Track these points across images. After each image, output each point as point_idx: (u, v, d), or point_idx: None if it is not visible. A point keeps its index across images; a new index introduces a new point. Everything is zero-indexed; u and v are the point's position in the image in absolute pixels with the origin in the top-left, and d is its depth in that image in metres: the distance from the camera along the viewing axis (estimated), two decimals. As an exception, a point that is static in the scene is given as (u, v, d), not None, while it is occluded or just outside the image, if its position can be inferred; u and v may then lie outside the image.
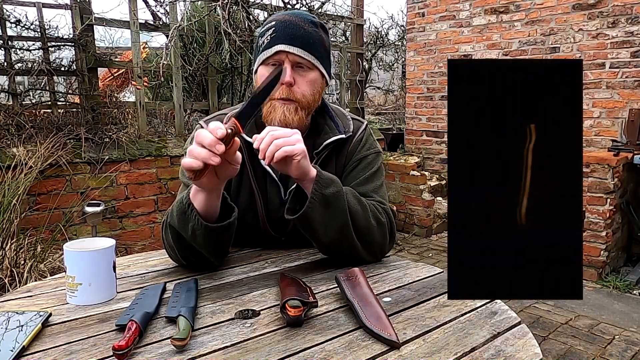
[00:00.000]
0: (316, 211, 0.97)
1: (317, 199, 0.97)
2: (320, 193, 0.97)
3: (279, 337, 0.74)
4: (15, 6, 3.52)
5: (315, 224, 0.99)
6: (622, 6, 3.81)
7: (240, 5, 3.70)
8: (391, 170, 4.65)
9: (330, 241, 1.03)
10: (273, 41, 1.07)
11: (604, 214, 3.26)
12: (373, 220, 1.06)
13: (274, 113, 1.08)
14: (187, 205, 0.94)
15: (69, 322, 0.80)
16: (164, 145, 3.52)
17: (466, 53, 4.83)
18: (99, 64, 3.58)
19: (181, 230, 0.97)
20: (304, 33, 1.07)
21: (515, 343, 0.73)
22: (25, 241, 2.47)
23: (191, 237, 0.96)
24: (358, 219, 1.03)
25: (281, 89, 1.07)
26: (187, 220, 0.95)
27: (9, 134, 3.04)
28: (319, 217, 0.98)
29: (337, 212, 1.00)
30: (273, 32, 1.08)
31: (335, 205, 0.99)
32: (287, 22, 1.08)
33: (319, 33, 1.11)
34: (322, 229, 1.00)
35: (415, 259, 3.82)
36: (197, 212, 0.94)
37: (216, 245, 1.00)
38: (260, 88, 0.89)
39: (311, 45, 1.08)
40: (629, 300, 3.03)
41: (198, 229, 0.94)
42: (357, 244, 1.05)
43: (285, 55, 1.07)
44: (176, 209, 0.97)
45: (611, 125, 3.94)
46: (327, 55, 1.13)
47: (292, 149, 0.92)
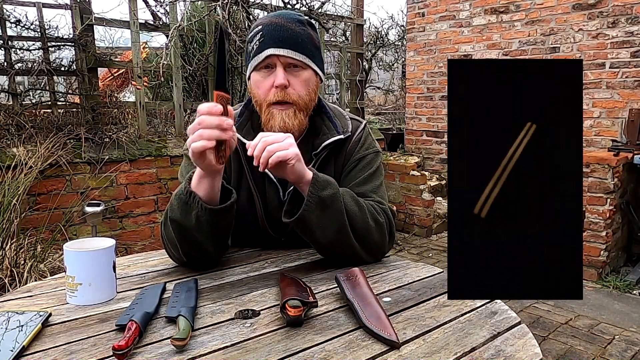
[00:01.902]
0: (313, 214, 0.98)
1: (313, 202, 0.97)
2: (317, 195, 0.97)
3: (279, 337, 0.74)
4: (15, 6, 3.52)
5: (312, 227, 1.00)
6: (622, 6, 3.81)
7: (240, 5, 3.70)
8: (391, 170, 4.66)
9: (328, 243, 1.03)
10: (262, 46, 1.07)
11: (604, 214, 3.26)
12: (371, 221, 1.06)
13: (273, 120, 1.08)
14: (189, 195, 0.95)
15: (69, 322, 0.80)
16: (164, 145, 3.52)
17: (466, 53, 4.83)
18: (99, 64, 3.58)
19: (184, 220, 0.97)
20: (291, 34, 1.07)
21: (515, 343, 0.73)
22: (25, 241, 2.47)
23: (195, 225, 0.96)
24: (356, 220, 1.03)
25: (276, 92, 1.07)
26: (190, 209, 0.95)
27: (9, 134, 3.04)
28: (316, 219, 0.98)
29: (334, 214, 1.00)
30: (261, 36, 1.07)
31: (332, 207, 0.99)
32: (273, 24, 1.07)
33: (307, 31, 1.10)
34: (320, 231, 1.00)
35: (415, 259, 3.82)
36: (199, 198, 0.95)
37: (219, 230, 1.00)
38: (215, 53, 0.90)
39: (300, 45, 1.07)
40: (629, 300, 3.03)
41: (202, 215, 0.95)
42: (355, 245, 1.04)
43: (276, 58, 1.06)
44: (176, 201, 0.98)
45: (611, 125, 3.94)
46: (317, 53, 1.13)
47: (285, 154, 0.92)
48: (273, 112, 1.08)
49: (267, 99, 1.08)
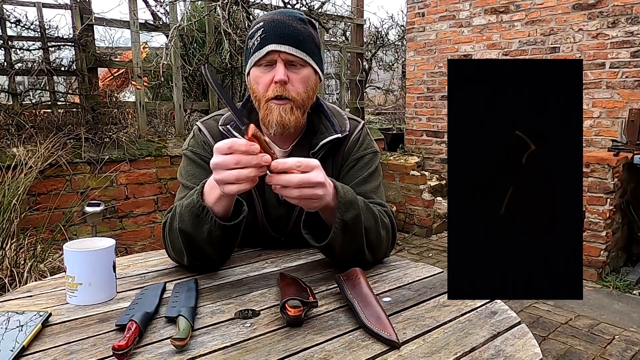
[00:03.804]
0: (338, 238, 0.96)
1: (339, 227, 0.95)
2: (342, 220, 0.95)
3: (279, 337, 0.74)
4: (15, 6, 3.52)
5: (336, 249, 0.99)
6: (622, 6, 3.81)
7: (240, 5, 3.70)
8: (391, 170, 4.66)
9: (345, 258, 1.02)
10: (263, 42, 1.06)
11: (604, 214, 3.26)
12: (383, 231, 1.06)
13: (271, 115, 1.08)
14: (202, 209, 0.93)
15: (69, 322, 0.80)
16: (164, 145, 3.52)
17: (466, 53, 4.83)
18: (99, 64, 3.58)
19: (194, 232, 0.96)
20: (293, 31, 1.07)
21: (515, 343, 0.73)
22: (25, 241, 2.47)
23: (207, 238, 0.95)
24: (371, 235, 1.03)
25: (275, 87, 1.06)
26: (202, 223, 0.94)
27: (9, 134, 3.04)
28: (341, 241, 0.97)
29: (355, 234, 0.99)
30: (262, 32, 1.07)
31: (354, 229, 0.98)
32: (275, 21, 1.07)
33: (308, 29, 1.10)
34: (341, 251, 1.00)
35: (415, 259, 3.82)
36: (212, 214, 0.93)
37: (229, 243, 1.00)
38: (217, 91, 0.88)
39: (301, 43, 1.07)
40: (629, 300, 3.03)
41: (215, 230, 0.93)
42: (367, 255, 1.05)
43: (277, 55, 1.06)
44: (187, 213, 0.95)
45: (611, 125, 3.94)
46: (318, 52, 1.13)
47: (313, 207, 0.91)
48: (271, 107, 1.08)
49: (266, 94, 1.08)
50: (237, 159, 0.81)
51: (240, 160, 0.81)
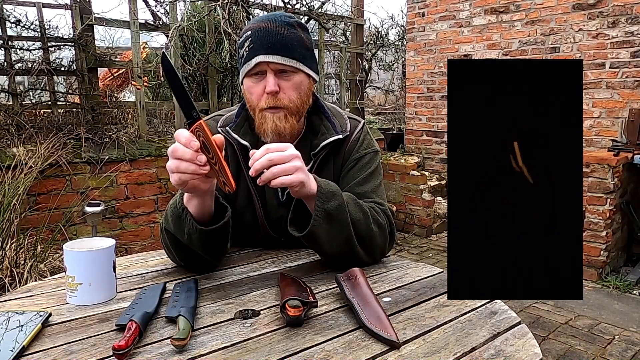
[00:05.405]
0: (321, 227, 0.97)
1: (320, 216, 0.96)
2: (323, 209, 0.96)
3: (279, 337, 0.74)
4: (15, 6, 3.52)
5: (321, 240, 0.99)
6: (622, 6, 3.81)
7: (240, 5, 3.70)
8: (391, 170, 4.66)
9: (334, 253, 1.03)
10: (252, 53, 1.06)
11: (604, 214, 3.26)
12: (374, 226, 1.06)
13: (266, 124, 1.08)
14: (182, 210, 0.94)
15: (69, 322, 0.80)
16: (164, 145, 3.52)
17: (466, 53, 4.83)
18: (99, 64, 3.58)
19: (177, 234, 0.97)
20: (281, 38, 1.06)
21: (515, 343, 0.73)
22: (25, 241, 2.47)
23: (187, 240, 0.96)
24: (361, 228, 1.03)
25: (268, 98, 1.06)
26: (183, 225, 0.95)
27: (9, 134, 3.04)
28: (324, 232, 0.98)
29: (341, 225, 0.99)
30: (250, 42, 1.06)
31: (338, 219, 0.99)
32: (262, 29, 1.06)
33: (297, 34, 1.09)
34: (328, 244, 1.01)
35: (415, 259, 3.82)
36: (191, 216, 0.93)
37: (213, 246, 1.00)
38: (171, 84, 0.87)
39: (290, 49, 1.06)
40: (629, 300, 3.03)
41: (194, 233, 0.94)
42: (359, 251, 1.05)
43: (266, 65, 1.06)
44: (170, 214, 0.97)
45: (611, 125, 3.94)
46: (309, 54, 1.11)
47: (290, 181, 0.91)
48: (266, 116, 1.08)
49: (260, 105, 1.08)
50: (176, 164, 0.84)
51: (179, 165, 0.84)
